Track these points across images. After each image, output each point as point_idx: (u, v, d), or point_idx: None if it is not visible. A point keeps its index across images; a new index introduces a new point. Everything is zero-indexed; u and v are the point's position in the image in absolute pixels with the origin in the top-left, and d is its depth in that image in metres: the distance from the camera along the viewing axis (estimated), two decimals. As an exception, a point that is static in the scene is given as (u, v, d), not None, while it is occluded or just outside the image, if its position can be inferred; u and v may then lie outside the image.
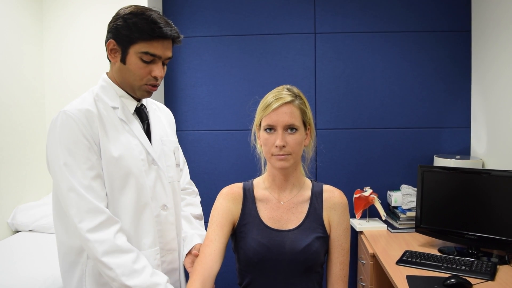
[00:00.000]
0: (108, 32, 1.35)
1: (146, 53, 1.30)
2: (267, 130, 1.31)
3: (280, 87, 1.35)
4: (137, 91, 1.38)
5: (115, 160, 1.32)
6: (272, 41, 2.88)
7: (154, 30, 1.28)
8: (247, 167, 2.82)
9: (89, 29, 2.75)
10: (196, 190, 1.77)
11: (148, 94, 1.40)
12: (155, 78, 1.35)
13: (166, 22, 1.33)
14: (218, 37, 2.89)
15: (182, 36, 1.38)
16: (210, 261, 1.28)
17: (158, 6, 2.85)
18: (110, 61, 1.40)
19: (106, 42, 1.35)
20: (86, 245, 1.24)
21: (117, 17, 1.33)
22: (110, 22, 1.35)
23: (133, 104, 1.42)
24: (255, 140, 1.42)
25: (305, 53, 2.86)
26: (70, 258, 1.36)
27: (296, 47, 2.87)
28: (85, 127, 1.28)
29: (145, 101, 1.49)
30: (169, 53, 1.36)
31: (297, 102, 1.32)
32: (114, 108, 1.37)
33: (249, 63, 2.89)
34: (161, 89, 2.89)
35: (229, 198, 1.40)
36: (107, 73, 1.42)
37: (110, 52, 1.35)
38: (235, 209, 1.39)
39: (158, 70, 1.34)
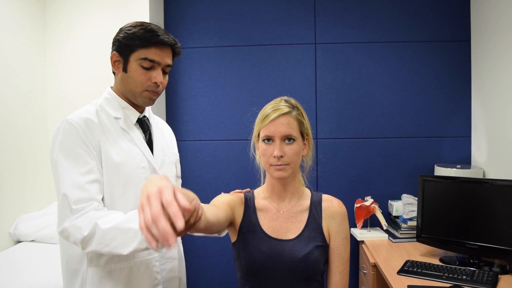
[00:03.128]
0: (112, 46, 1.43)
1: (145, 59, 1.37)
2: (265, 140, 1.33)
3: (278, 99, 1.38)
4: (139, 98, 1.42)
5: (116, 166, 1.35)
6: (273, 51, 2.90)
7: (152, 37, 1.36)
8: (248, 177, 2.82)
9: (92, 38, 2.78)
10: None
11: (150, 101, 1.44)
12: (156, 84, 1.40)
13: (164, 31, 1.41)
14: (219, 47, 2.92)
15: (179, 44, 1.45)
16: (213, 208, 1.23)
17: (159, 17, 2.89)
18: (114, 74, 1.47)
19: (110, 56, 1.43)
20: (68, 232, 1.24)
21: (119, 32, 1.42)
22: (113, 38, 1.43)
23: (135, 115, 1.46)
24: (254, 150, 1.44)
25: (306, 63, 2.88)
26: (72, 267, 1.38)
27: (297, 57, 2.89)
28: (86, 134, 1.33)
29: (148, 113, 1.53)
30: (168, 60, 1.41)
31: (294, 113, 1.34)
32: (117, 118, 1.42)
33: (250, 73, 2.91)
34: (162, 99, 2.91)
35: (233, 196, 1.42)
36: (111, 87, 1.49)
37: (114, 64, 1.43)
38: (238, 208, 1.40)
39: (158, 76, 1.39)
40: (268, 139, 1.32)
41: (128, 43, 1.37)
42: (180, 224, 0.71)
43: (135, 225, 1.19)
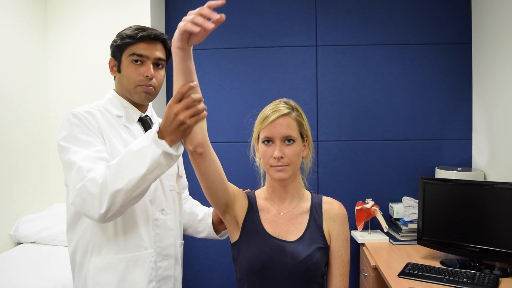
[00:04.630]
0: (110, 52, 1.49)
1: (134, 54, 1.43)
2: (265, 142, 1.33)
3: (277, 101, 1.38)
4: (134, 95, 1.46)
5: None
6: (274, 53, 2.90)
7: (138, 33, 1.43)
8: (249, 179, 2.79)
9: (93, 36, 2.78)
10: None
11: (146, 95, 1.46)
12: (147, 78, 1.43)
13: (153, 29, 1.47)
14: (220, 49, 2.92)
15: (166, 36, 1.48)
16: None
17: (160, 19, 2.89)
18: (115, 79, 1.52)
19: (108, 63, 1.50)
20: (84, 189, 1.21)
21: (114, 37, 1.49)
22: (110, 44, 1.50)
23: (137, 113, 1.51)
24: (254, 153, 1.44)
25: (307, 66, 2.88)
26: (77, 260, 1.40)
27: (298, 59, 2.89)
28: (91, 123, 1.37)
29: (150, 113, 1.57)
30: (157, 54, 1.46)
31: (293, 114, 1.34)
32: (119, 116, 1.46)
33: (251, 76, 2.92)
34: (164, 100, 2.91)
35: (239, 189, 1.43)
36: (113, 89, 1.53)
37: (111, 69, 1.49)
38: (242, 200, 1.40)
39: (148, 70, 1.43)
40: (268, 141, 1.33)
41: (119, 44, 1.44)
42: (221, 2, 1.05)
43: (144, 142, 1.19)
